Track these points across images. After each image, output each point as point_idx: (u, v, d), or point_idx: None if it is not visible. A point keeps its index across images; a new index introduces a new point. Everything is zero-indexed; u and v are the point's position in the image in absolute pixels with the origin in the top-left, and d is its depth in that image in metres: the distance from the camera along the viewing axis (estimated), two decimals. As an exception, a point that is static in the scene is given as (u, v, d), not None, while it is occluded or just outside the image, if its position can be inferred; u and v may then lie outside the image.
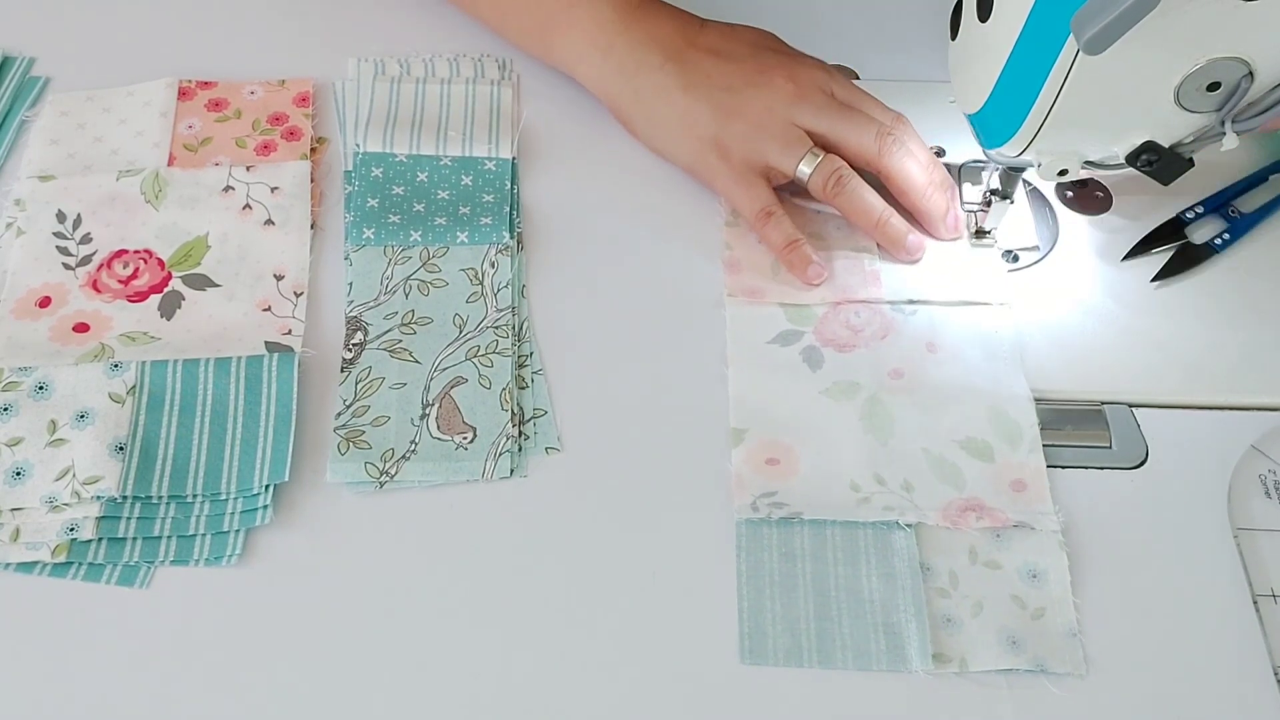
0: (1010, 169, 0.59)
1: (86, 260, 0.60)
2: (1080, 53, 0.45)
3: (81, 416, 0.53)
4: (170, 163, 0.64)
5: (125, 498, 0.51)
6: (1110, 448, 0.55)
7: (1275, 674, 0.49)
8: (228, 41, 0.71)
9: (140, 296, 0.59)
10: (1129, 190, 0.64)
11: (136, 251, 0.60)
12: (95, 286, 0.59)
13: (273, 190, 0.63)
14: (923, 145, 0.61)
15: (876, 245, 0.61)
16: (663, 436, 0.55)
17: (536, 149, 0.66)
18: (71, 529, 0.50)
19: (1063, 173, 0.53)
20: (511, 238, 0.62)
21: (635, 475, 0.54)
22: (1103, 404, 0.57)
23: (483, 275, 0.60)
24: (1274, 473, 0.54)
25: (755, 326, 0.58)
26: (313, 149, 0.65)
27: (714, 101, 0.60)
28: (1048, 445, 0.55)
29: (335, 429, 0.54)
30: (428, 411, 0.55)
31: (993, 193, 0.61)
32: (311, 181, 0.64)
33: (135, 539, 0.51)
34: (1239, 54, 0.45)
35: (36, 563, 0.50)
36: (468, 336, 0.58)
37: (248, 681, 0.48)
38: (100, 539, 0.51)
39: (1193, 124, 0.48)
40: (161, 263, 0.60)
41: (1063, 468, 0.54)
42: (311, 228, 0.62)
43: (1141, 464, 0.55)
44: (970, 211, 0.63)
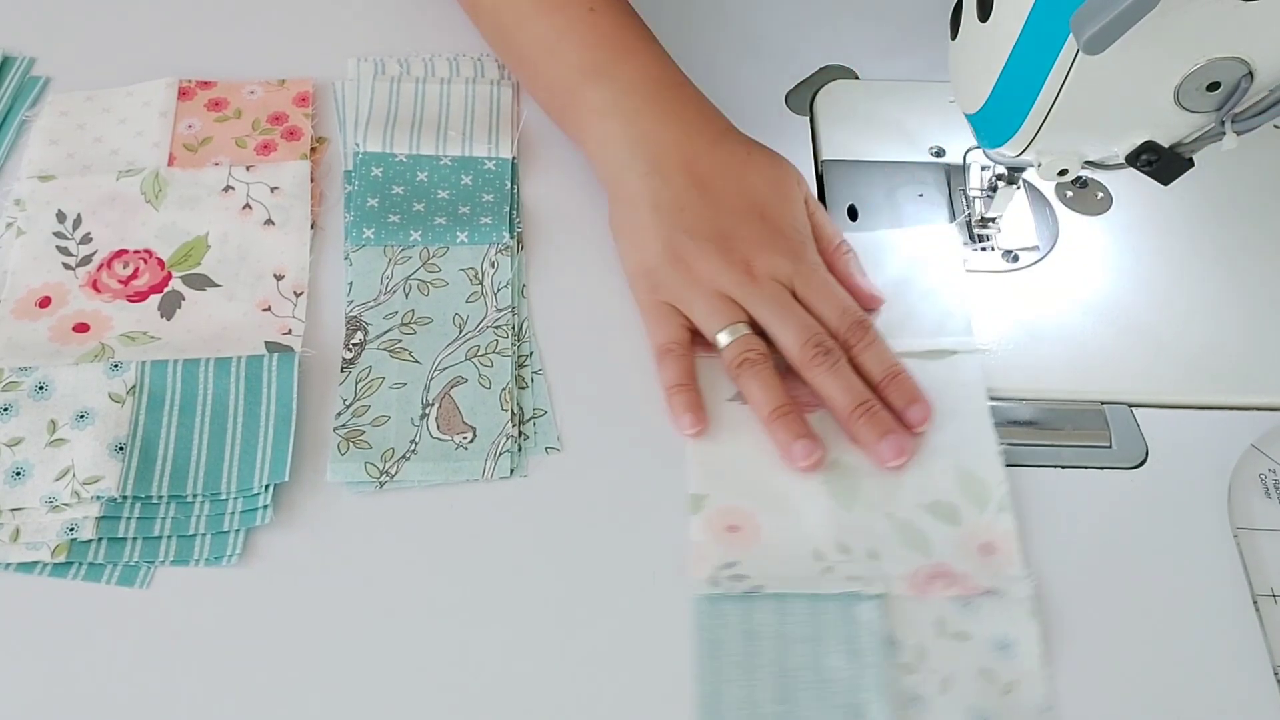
0: (1010, 169, 0.59)
1: (86, 260, 0.60)
2: (1080, 53, 0.45)
3: (81, 416, 0.53)
4: (170, 163, 0.64)
5: (125, 498, 0.51)
6: (1110, 448, 0.55)
7: (1275, 674, 0.49)
8: (228, 41, 0.71)
9: (140, 296, 0.59)
10: (1129, 190, 0.64)
11: (136, 251, 0.60)
12: (95, 286, 0.59)
13: (273, 190, 0.63)
14: (880, 356, 0.55)
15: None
16: (662, 436, 0.55)
17: (536, 149, 0.66)
18: (71, 529, 0.50)
19: (1063, 173, 0.53)
20: (511, 238, 0.62)
21: (635, 475, 0.54)
22: (1103, 404, 0.57)
23: (483, 275, 0.60)
24: (1274, 472, 0.54)
25: (716, 383, 0.56)
26: (313, 149, 0.65)
27: (669, 239, 0.57)
28: (1048, 445, 0.55)
29: (335, 429, 0.54)
30: (428, 411, 0.55)
31: (999, 178, 0.60)
32: (311, 181, 0.64)
33: (135, 539, 0.51)
34: (1239, 54, 0.45)
35: (36, 563, 0.50)
36: (468, 336, 0.58)
37: (248, 681, 0.48)
38: (100, 539, 0.51)
39: (1193, 124, 0.48)
40: (161, 263, 0.60)
41: (1063, 468, 0.54)
42: (311, 228, 0.62)
43: (1141, 464, 0.55)
44: (975, 198, 0.62)
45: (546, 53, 0.63)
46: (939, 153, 0.66)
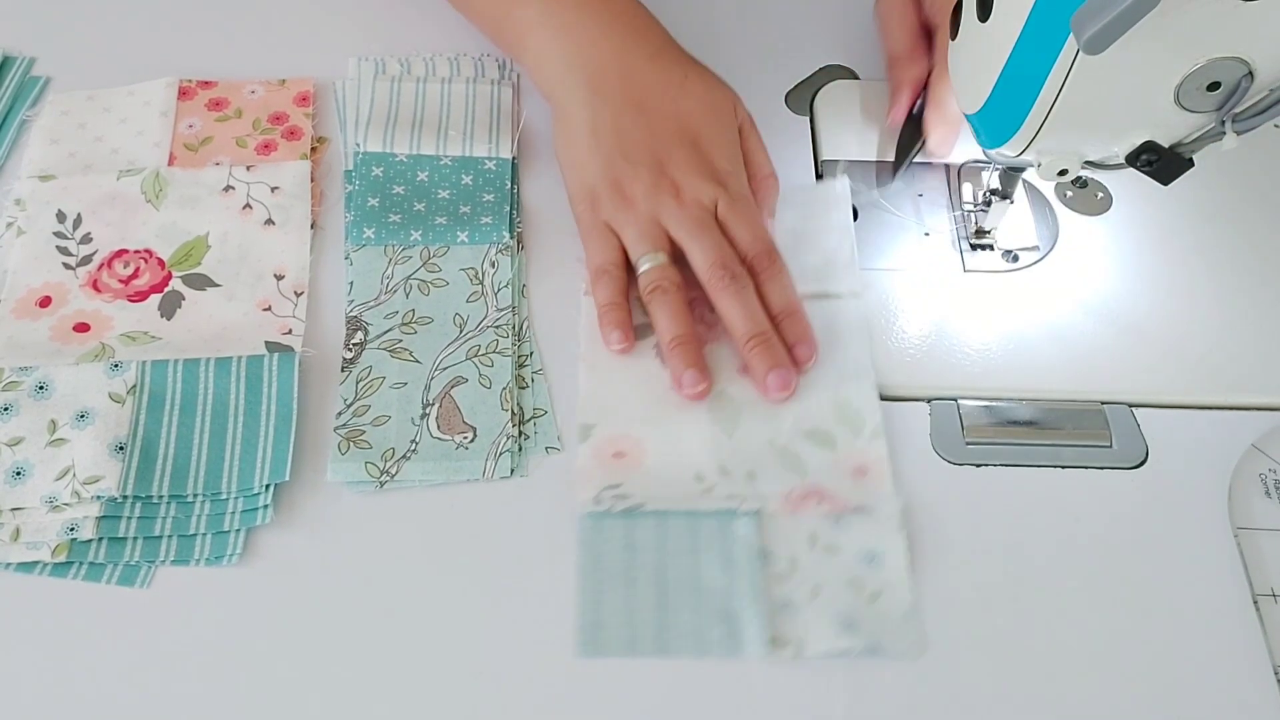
0: (1010, 169, 0.59)
1: (87, 260, 0.60)
2: (1080, 53, 0.45)
3: (82, 416, 0.53)
4: (170, 162, 0.64)
5: (125, 497, 0.51)
6: (1110, 448, 0.55)
7: (1275, 674, 0.49)
8: (228, 41, 0.71)
9: (140, 296, 0.59)
10: (1129, 190, 0.64)
11: (137, 251, 0.60)
12: (95, 286, 0.59)
13: (273, 190, 0.63)
14: (783, 289, 0.57)
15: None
16: (663, 436, 0.55)
17: (536, 149, 0.66)
18: (71, 529, 0.50)
19: (1063, 173, 0.53)
20: (511, 237, 0.62)
21: (635, 475, 0.54)
22: (1103, 404, 0.57)
23: (483, 275, 0.60)
24: (1274, 472, 0.54)
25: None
26: (313, 148, 0.65)
27: (607, 161, 0.59)
28: (1048, 445, 0.55)
29: (335, 429, 0.54)
30: (428, 411, 0.55)
31: (993, 192, 0.61)
32: (312, 181, 0.64)
33: (135, 539, 0.51)
34: (1239, 54, 0.45)
35: (36, 563, 0.50)
36: (468, 336, 0.58)
37: (248, 681, 0.48)
38: (100, 539, 0.51)
39: (1193, 124, 0.48)
40: (162, 262, 0.60)
41: (1062, 468, 0.54)
42: (312, 227, 0.62)
43: (1141, 464, 0.55)
44: (970, 211, 0.63)
45: None
46: (938, 153, 0.66)
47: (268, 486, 0.52)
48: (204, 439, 0.53)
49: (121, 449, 0.52)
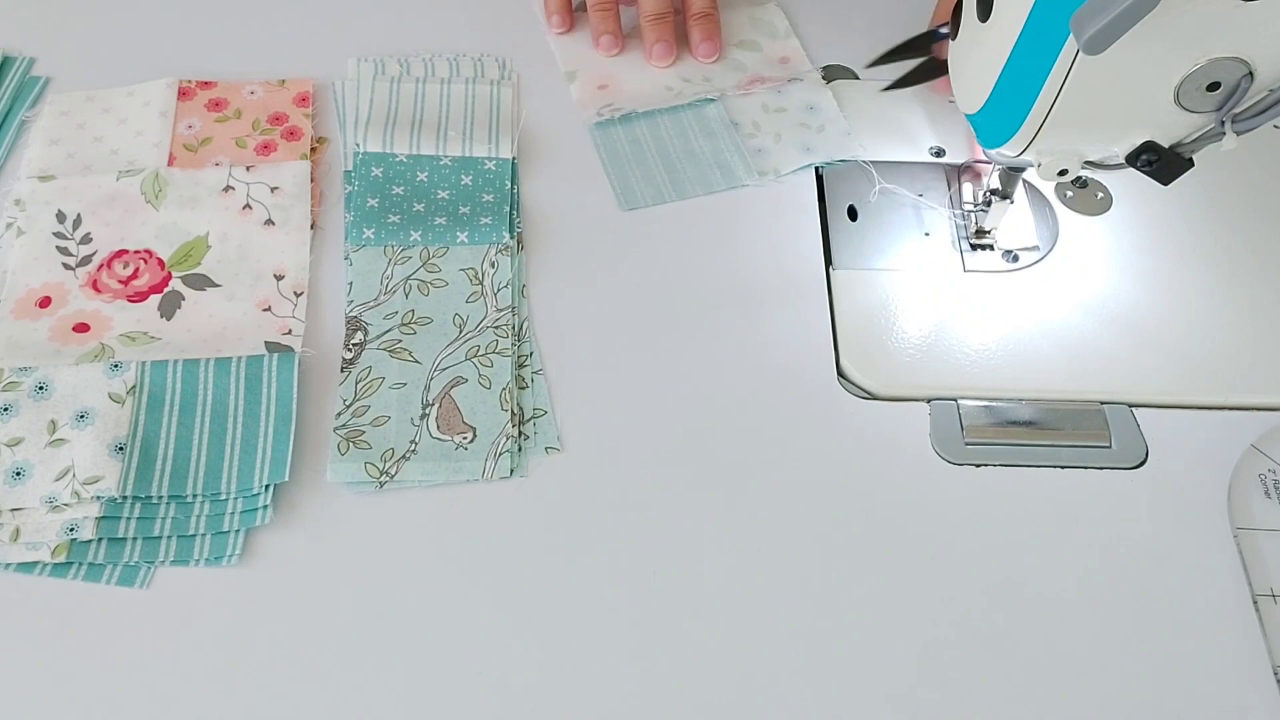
0: (1010, 169, 0.59)
1: (86, 260, 0.60)
2: (1080, 53, 0.45)
3: (81, 416, 0.53)
4: (170, 163, 0.64)
5: (125, 498, 0.51)
6: (1110, 448, 0.55)
7: (1275, 674, 0.49)
8: (228, 41, 0.71)
9: (140, 296, 0.59)
10: (1129, 190, 0.64)
11: (136, 251, 0.60)
12: (95, 286, 0.59)
13: (273, 190, 0.63)
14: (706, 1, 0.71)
15: None
16: (662, 436, 0.55)
17: (536, 149, 0.66)
18: (71, 529, 0.50)
19: (1063, 173, 0.53)
20: (511, 238, 0.62)
21: (635, 475, 0.54)
22: (1103, 404, 0.57)
23: (483, 275, 0.60)
24: (1274, 472, 0.54)
25: None
26: (313, 149, 0.65)
27: None
28: (1048, 445, 0.55)
29: (335, 429, 0.54)
30: (428, 411, 0.55)
31: (993, 192, 0.61)
32: (311, 181, 0.64)
33: (135, 539, 0.51)
34: (1239, 54, 0.45)
35: (36, 563, 0.50)
36: (468, 336, 0.58)
37: (248, 681, 0.48)
38: (100, 539, 0.51)
39: (1193, 124, 0.48)
40: (161, 263, 0.60)
41: (1062, 468, 0.54)
42: (311, 228, 0.62)
43: (1141, 464, 0.55)
44: (970, 211, 0.63)
45: None
46: (939, 153, 0.66)
47: (267, 487, 0.52)
48: (203, 439, 0.53)
49: (121, 449, 0.52)
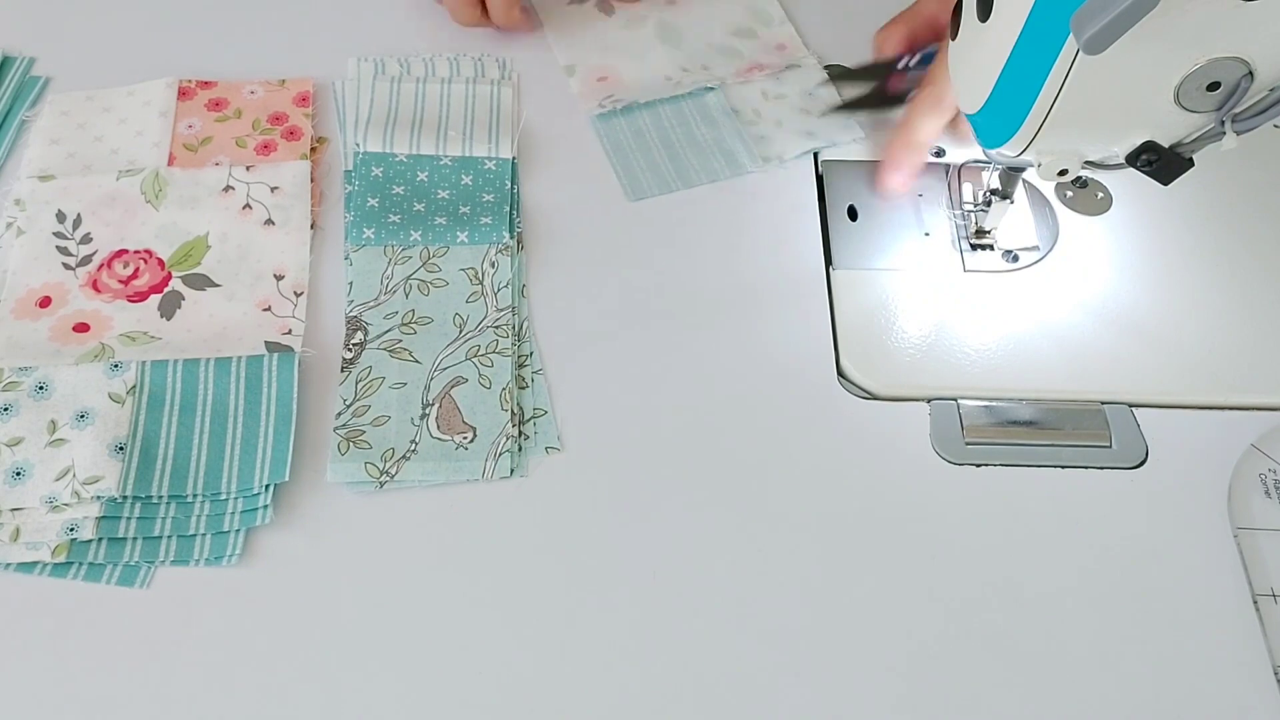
0: (1010, 169, 0.59)
1: (86, 260, 0.60)
2: (1080, 53, 0.45)
3: (81, 416, 0.53)
4: (170, 162, 0.64)
5: (125, 498, 0.51)
6: (1110, 448, 0.55)
7: (1275, 674, 0.49)
8: (228, 41, 0.71)
9: (140, 296, 0.59)
10: (1129, 190, 0.64)
11: (136, 251, 0.60)
12: (95, 286, 0.59)
13: (273, 190, 0.63)
14: None
15: None
16: (663, 436, 0.55)
17: (536, 149, 0.66)
18: (71, 529, 0.50)
19: (1063, 173, 0.53)
20: (511, 237, 0.62)
21: (635, 475, 0.54)
22: (1103, 404, 0.57)
23: (483, 275, 0.60)
24: (1274, 472, 0.54)
25: None
26: (313, 149, 0.65)
27: None
28: (1048, 445, 0.55)
29: (335, 429, 0.54)
30: (428, 411, 0.55)
31: (993, 192, 0.61)
32: (311, 181, 0.64)
33: (135, 539, 0.51)
34: (1239, 54, 0.45)
35: (36, 563, 0.50)
36: (468, 336, 0.58)
37: (248, 681, 0.48)
38: (100, 539, 0.51)
39: (1193, 124, 0.48)
40: (161, 262, 0.60)
41: (1062, 468, 0.54)
42: (311, 227, 0.62)
43: (1141, 464, 0.55)
44: (970, 211, 0.63)
45: None
46: (939, 153, 0.66)
47: (267, 487, 0.52)
48: (204, 439, 0.53)
49: (121, 449, 0.52)
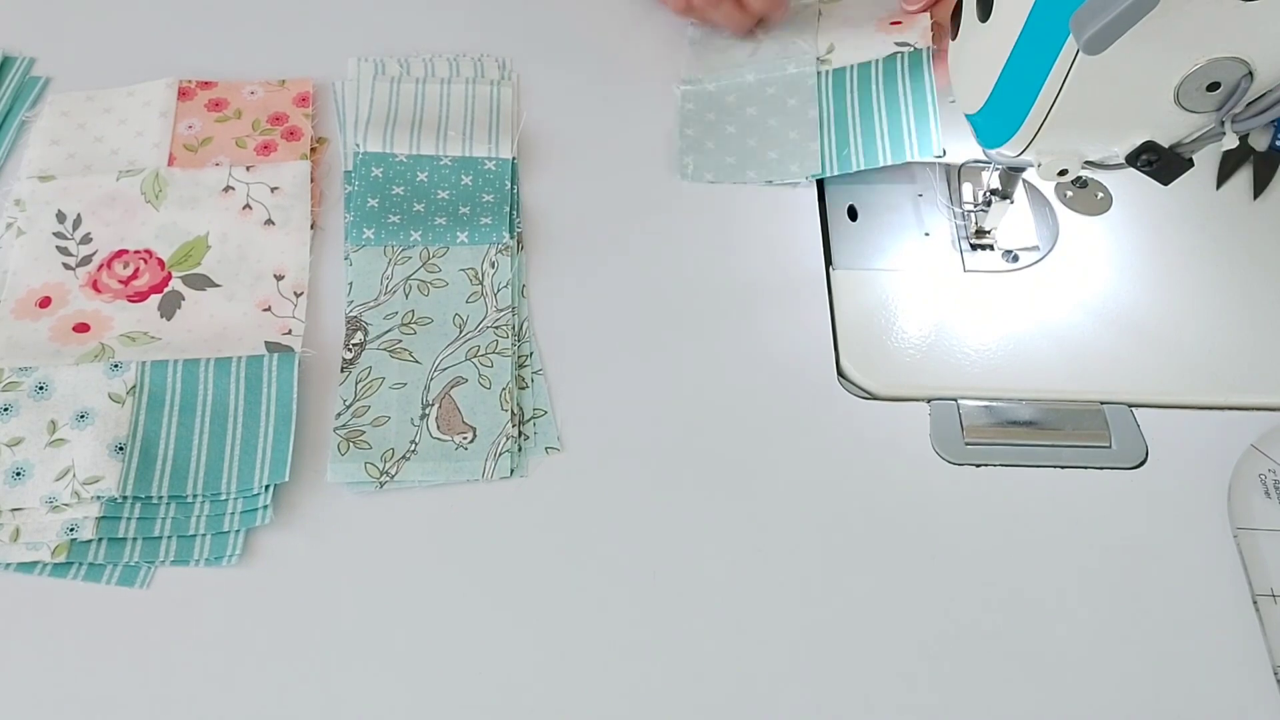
0: (1010, 169, 0.59)
1: (86, 260, 0.60)
2: (1080, 53, 0.45)
3: (81, 416, 0.53)
4: (170, 163, 0.64)
5: (125, 498, 0.51)
6: (1110, 448, 0.55)
7: (1275, 674, 0.49)
8: (228, 41, 0.71)
9: (140, 296, 0.59)
10: (1129, 190, 0.64)
11: (136, 251, 0.60)
12: (95, 286, 0.59)
13: (273, 190, 0.63)
14: None
15: None
16: (662, 436, 0.55)
17: (536, 149, 0.66)
18: (71, 529, 0.50)
19: (1063, 173, 0.53)
20: (511, 238, 0.62)
21: (635, 475, 0.54)
22: (1103, 404, 0.57)
23: (483, 275, 0.60)
24: (1274, 473, 0.54)
25: None
26: (313, 149, 0.65)
27: None
28: (1048, 445, 0.55)
29: (335, 429, 0.54)
30: (428, 411, 0.55)
31: (993, 192, 0.61)
32: (311, 181, 0.64)
33: (135, 539, 0.51)
34: (1239, 54, 0.45)
35: (36, 563, 0.50)
36: (468, 336, 0.58)
37: (248, 681, 0.48)
38: (100, 539, 0.51)
39: (1193, 124, 0.48)
40: (161, 263, 0.60)
41: (1062, 468, 0.54)
42: (311, 228, 0.62)
43: (1141, 464, 0.55)
44: (970, 211, 0.63)
45: None
46: (939, 153, 0.66)
47: (267, 487, 0.52)
48: (203, 439, 0.53)
49: (121, 449, 0.52)
